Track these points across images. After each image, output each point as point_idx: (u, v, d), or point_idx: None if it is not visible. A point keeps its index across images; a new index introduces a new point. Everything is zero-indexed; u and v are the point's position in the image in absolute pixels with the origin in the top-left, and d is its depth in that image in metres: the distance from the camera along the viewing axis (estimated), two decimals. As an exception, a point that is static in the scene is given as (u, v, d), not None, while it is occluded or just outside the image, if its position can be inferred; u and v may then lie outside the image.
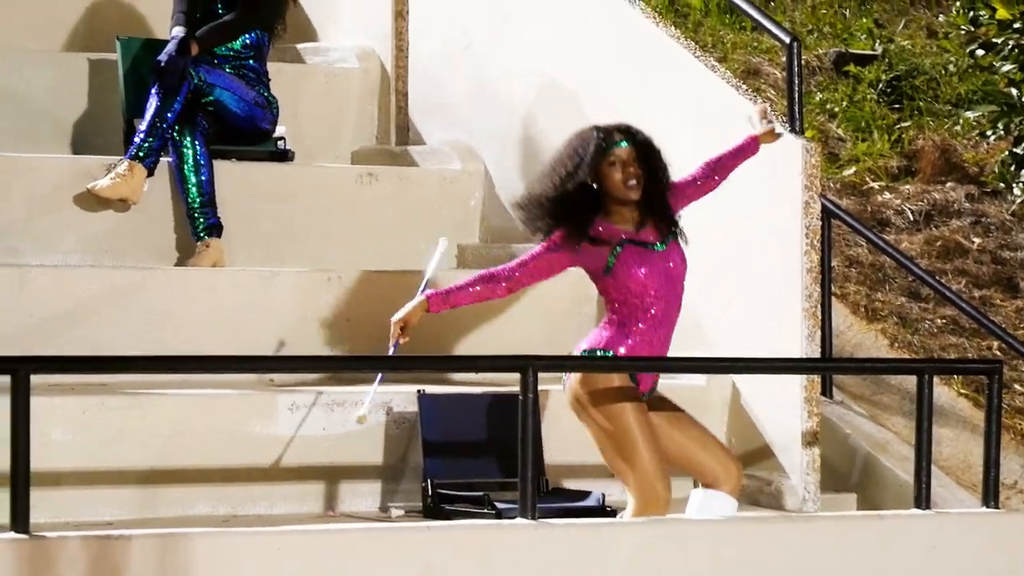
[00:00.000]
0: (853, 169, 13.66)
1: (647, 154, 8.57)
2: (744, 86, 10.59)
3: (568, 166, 8.55)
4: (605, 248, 8.37)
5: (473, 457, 9.16)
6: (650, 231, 8.41)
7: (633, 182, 8.34)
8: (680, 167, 8.79)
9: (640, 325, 8.52)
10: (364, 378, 9.13)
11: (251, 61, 11.00)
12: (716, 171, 9.06)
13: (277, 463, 9.19)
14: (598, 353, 8.39)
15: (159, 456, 8.91)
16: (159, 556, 6.93)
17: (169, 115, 10.42)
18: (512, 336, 10.39)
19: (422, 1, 12.03)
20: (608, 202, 8.40)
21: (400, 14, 11.91)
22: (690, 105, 10.48)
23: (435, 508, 8.78)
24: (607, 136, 8.54)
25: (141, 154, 10.33)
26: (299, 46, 12.02)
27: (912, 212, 13.23)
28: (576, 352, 8.50)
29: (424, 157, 11.66)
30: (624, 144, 8.48)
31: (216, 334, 9.89)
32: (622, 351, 8.41)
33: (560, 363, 8.74)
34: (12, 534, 6.88)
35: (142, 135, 10.43)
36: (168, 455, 8.96)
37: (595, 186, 8.46)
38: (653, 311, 8.59)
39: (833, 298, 11.23)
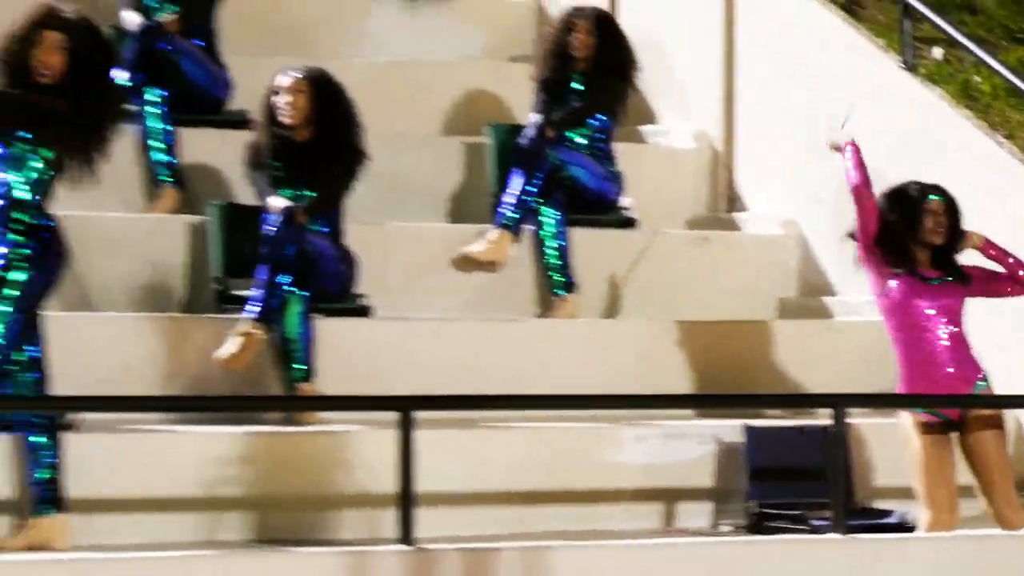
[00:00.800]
0: None
1: (952, 210, 9.33)
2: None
3: (890, 210, 9.36)
4: (890, 277, 9.27)
5: (791, 481, 9.60)
6: (932, 271, 9.28)
7: (940, 229, 9.18)
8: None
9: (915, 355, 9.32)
10: (698, 414, 10.17)
11: (601, 142, 11.47)
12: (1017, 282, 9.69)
13: (623, 486, 9.81)
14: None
15: (520, 480, 9.55)
16: (526, 566, 7.99)
17: (532, 189, 10.99)
18: (824, 374, 10.75)
19: (747, 89, 12.36)
20: (909, 243, 9.27)
21: (728, 100, 12.30)
22: (977, 174, 10.89)
23: (758, 525, 9.44)
24: (924, 189, 9.39)
25: (508, 223, 10.92)
26: (641, 128, 12.40)
27: None
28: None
29: (749, 223, 12.14)
30: (938, 198, 9.29)
31: (570, 375, 10.42)
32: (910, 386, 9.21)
33: (865, 401, 9.73)
34: (400, 546, 7.98)
35: (509, 207, 11.00)
36: (528, 479, 9.59)
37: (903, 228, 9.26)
38: (929, 341, 9.38)
39: None
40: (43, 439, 8.48)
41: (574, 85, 11.29)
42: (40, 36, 8.52)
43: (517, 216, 10.93)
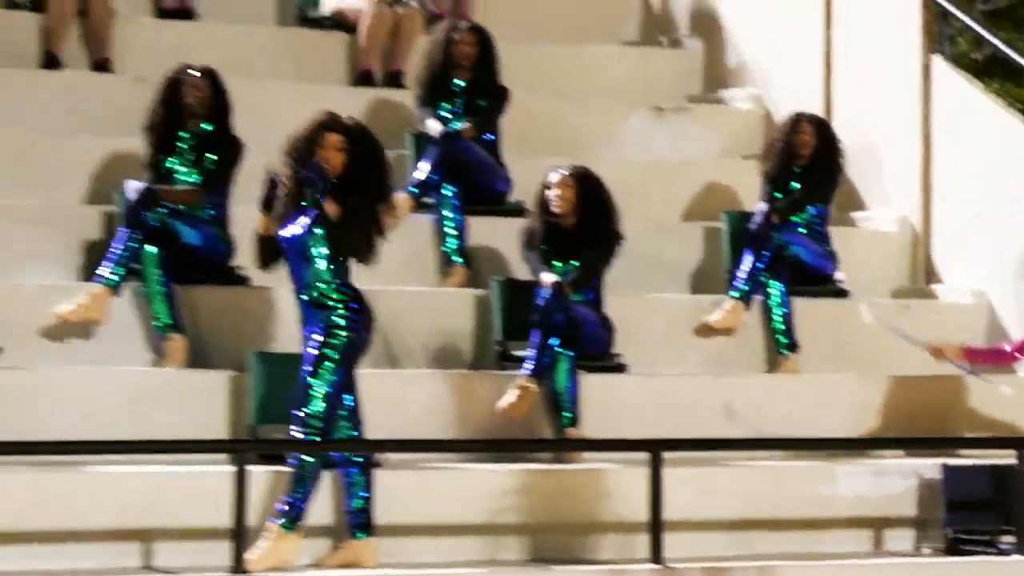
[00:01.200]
0: None
1: None
2: None
3: None
4: None
5: (982, 511, 9.60)
6: None
7: None
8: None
9: None
10: (902, 453, 10.34)
11: (818, 226, 11.46)
12: None
13: (838, 515, 9.77)
14: None
15: (751, 509, 9.50)
16: (760, 582, 8.83)
17: (760, 266, 11.04)
18: (1008, 420, 10.69)
19: (943, 180, 12.15)
20: None
21: (926, 189, 12.15)
22: None
23: (954, 549, 9.42)
24: None
25: (740, 295, 10.98)
26: (852, 214, 12.38)
27: None
28: None
29: (944, 293, 12.02)
30: None
31: (794, 421, 10.39)
32: None
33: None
34: (651, 565, 8.63)
35: (741, 280, 11.03)
36: (757, 509, 9.54)
37: None
38: None
39: None
40: (358, 474, 8.75)
41: (795, 178, 11.32)
42: (323, 137, 8.78)
43: (748, 288, 10.97)
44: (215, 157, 10.20)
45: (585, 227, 10.36)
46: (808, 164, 11.32)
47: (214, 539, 8.51)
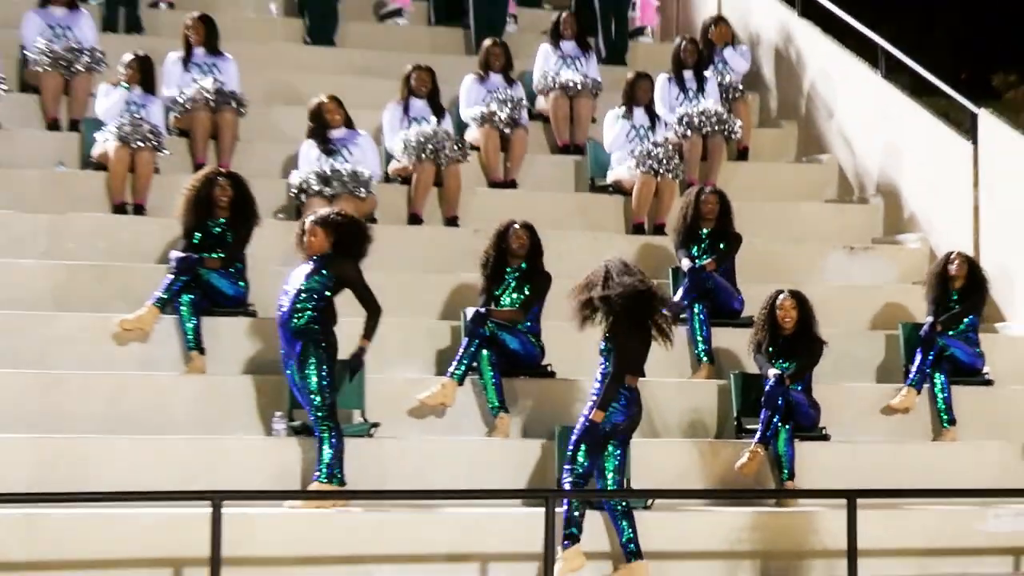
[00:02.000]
0: None
1: None
2: None
3: None
4: None
5: None
6: None
7: None
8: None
9: None
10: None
11: (971, 332, 11.27)
12: None
13: (989, 545, 9.86)
14: None
15: (931, 540, 9.61)
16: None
17: (927, 362, 10.92)
18: None
19: None
20: None
21: None
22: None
23: None
24: None
25: (913, 384, 10.85)
26: (996, 324, 12.04)
27: None
28: None
29: None
30: None
31: (954, 475, 10.28)
32: None
33: None
34: None
35: (913, 373, 10.84)
36: (935, 540, 9.64)
37: None
38: None
39: None
40: (625, 517, 8.92)
41: (952, 298, 11.19)
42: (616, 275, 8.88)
43: (919, 379, 10.86)
44: (531, 286, 10.22)
45: (802, 335, 10.29)
46: (962, 288, 11.17)
47: (525, 561, 8.84)
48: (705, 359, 11.00)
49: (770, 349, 10.42)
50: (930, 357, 11.01)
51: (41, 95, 12.09)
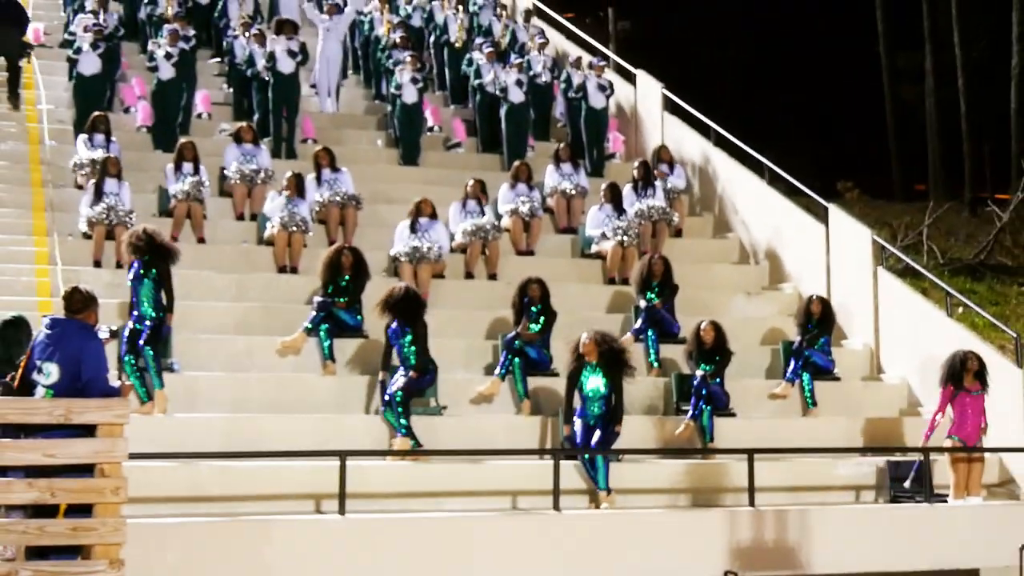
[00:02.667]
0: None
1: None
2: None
3: None
4: None
5: None
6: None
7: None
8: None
9: None
10: None
11: (826, 347, 10.86)
12: None
13: (835, 487, 9.50)
14: None
15: None
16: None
17: (798, 366, 10.56)
18: None
19: (884, 326, 11.38)
20: None
21: (876, 331, 11.42)
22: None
23: None
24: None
25: (789, 380, 10.49)
26: (842, 340, 11.48)
27: None
28: None
29: (886, 378, 11.18)
30: None
31: (812, 436, 9.99)
32: None
33: None
34: None
35: (789, 373, 10.51)
36: None
37: None
38: None
39: None
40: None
41: (813, 325, 10.75)
42: None
43: (793, 377, 10.47)
44: (544, 319, 9.82)
45: (717, 349, 10.17)
46: (819, 318, 10.92)
47: (540, 496, 8.36)
48: (656, 365, 10.83)
49: (697, 358, 10.29)
50: (799, 363, 10.81)
51: (233, 198, 12.13)
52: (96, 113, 11.90)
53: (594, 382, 9.02)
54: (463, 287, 11.50)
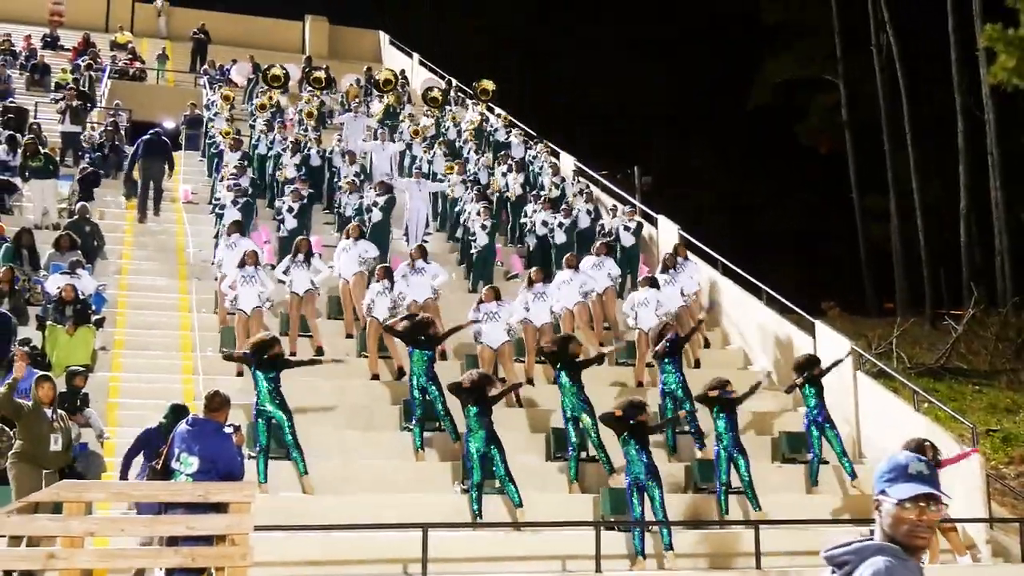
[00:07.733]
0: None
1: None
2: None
3: None
4: None
5: None
6: None
7: None
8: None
9: None
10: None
11: None
12: None
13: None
14: None
15: None
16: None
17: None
18: None
19: (863, 421, 11.01)
20: None
21: (857, 423, 11.00)
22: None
23: None
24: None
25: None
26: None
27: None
28: None
29: (866, 462, 10.69)
30: None
31: None
32: None
33: None
34: None
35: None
36: None
37: None
38: None
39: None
40: None
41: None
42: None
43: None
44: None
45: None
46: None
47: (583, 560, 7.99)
48: (675, 451, 10.36)
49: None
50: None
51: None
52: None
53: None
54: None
